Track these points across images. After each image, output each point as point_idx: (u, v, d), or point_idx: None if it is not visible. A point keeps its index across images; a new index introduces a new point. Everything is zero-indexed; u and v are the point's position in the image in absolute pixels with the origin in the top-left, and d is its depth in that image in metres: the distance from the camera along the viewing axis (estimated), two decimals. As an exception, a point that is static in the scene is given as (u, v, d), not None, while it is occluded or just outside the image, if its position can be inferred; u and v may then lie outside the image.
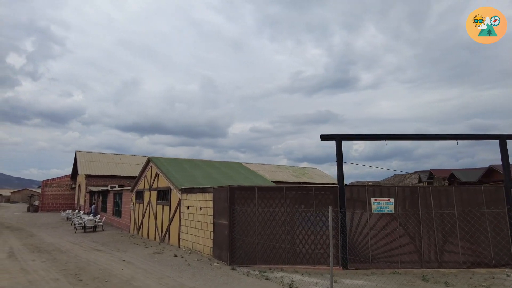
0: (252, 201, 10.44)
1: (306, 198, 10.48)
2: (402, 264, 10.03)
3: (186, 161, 18.64)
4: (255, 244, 10.22)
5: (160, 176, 16.23)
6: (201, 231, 12.05)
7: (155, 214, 16.48)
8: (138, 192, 19.37)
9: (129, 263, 10.67)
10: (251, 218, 10.37)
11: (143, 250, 13.25)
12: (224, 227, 10.56)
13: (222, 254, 10.54)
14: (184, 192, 13.56)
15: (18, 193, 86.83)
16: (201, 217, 12.13)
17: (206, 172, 17.32)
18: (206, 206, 11.84)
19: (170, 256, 11.66)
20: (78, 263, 10.76)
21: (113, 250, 13.34)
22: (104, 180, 38.63)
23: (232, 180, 16.70)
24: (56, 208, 44.55)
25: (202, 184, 14.76)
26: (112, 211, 25.28)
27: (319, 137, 10.84)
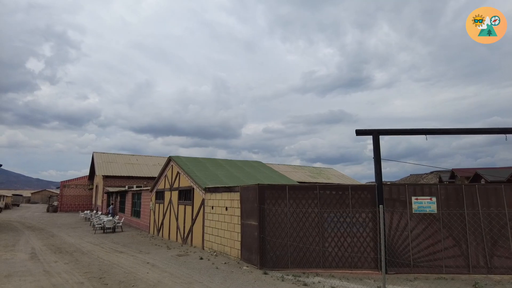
0: (283, 201, 9.80)
1: (341, 198, 9.77)
2: (447, 268, 9.22)
3: (207, 160, 18.14)
4: (286, 246, 9.58)
5: (182, 175, 15.76)
6: (227, 232, 11.48)
7: (176, 214, 16.03)
8: (158, 192, 18.99)
9: (154, 266, 10.17)
10: (282, 219, 9.74)
11: (166, 252, 12.78)
12: (254, 228, 9.95)
13: (252, 257, 9.93)
14: (208, 192, 13.02)
15: (37, 194, 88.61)
16: (227, 217, 11.56)
17: (228, 171, 16.77)
18: (233, 206, 11.26)
19: (196, 259, 11.12)
20: (101, 265, 10.34)
21: (135, 252, 12.92)
22: (121, 181, 38.70)
23: (255, 179, 16.09)
24: (74, 209, 44.95)
25: (226, 183, 14.20)
26: (131, 212, 25.03)
27: (354, 132, 10.12)
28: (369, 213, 9.63)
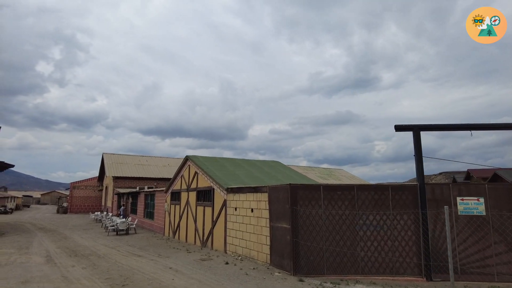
0: (317, 202, 9.07)
1: (380, 199, 9.01)
2: (499, 276, 8.40)
3: (226, 160, 17.48)
4: (322, 251, 8.84)
5: (200, 175, 15.11)
6: (253, 236, 10.78)
7: (194, 216, 15.37)
8: (174, 192, 18.37)
9: (178, 271, 9.50)
10: (316, 222, 9.00)
11: (187, 256, 12.11)
12: (285, 232, 9.23)
13: (284, 262, 9.20)
14: (231, 192, 12.34)
15: (47, 195, 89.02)
16: (253, 219, 10.86)
17: (248, 171, 16.08)
18: (260, 208, 10.55)
19: (221, 264, 10.43)
20: (121, 270, 9.70)
21: (154, 256, 12.28)
22: (131, 182, 38.28)
23: (276, 179, 15.38)
24: (84, 210, 44.70)
25: (247, 183, 13.51)
26: (143, 213, 24.47)
27: (394, 127, 9.35)
28: (411, 215, 8.86)
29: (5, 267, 10.11)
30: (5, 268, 9.95)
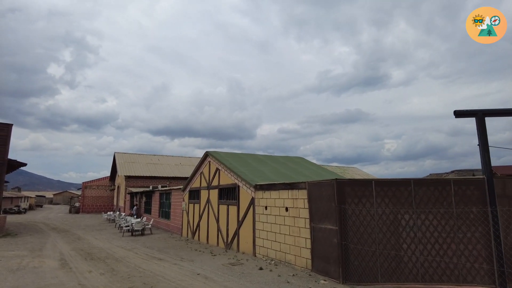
0: (368, 200, 7.89)
1: (441, 195, 7.78)
2: None
3: (248, 156, 16.37)
4: (375, 255, 7.66)
5: (223, 171, 14.02)
6: (289, 238, 9.63)
7: (216, 215, 14.30)
8: (192, 191, 17.33)
9: (207, 278, 8.42)
10: (368, 222, 7.82)
11: (212, 259, 11.04)
12: (331, 234, 8.07)
13: (330, 268, 8.04)
14: (260, 190, 11.21)
15: (59, 195, 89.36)
16: (289, 219, 9.71)
17: (273, 167, 14.94)
18: (297, 206, 9.40)
19: (254, 269, 9.31)
20: (143, 277, 8.66)
21: (176, 259, 11.24)
22: (143, 181, 37.58)
23: (304, 176, 14.21)
24: (95, 210, 44.18)
25: (274, 180, 12.38)
26: (158, 213, 23.54)
27: (453, 113, 8.09)
28: (478, 214, 7.62)
29: (17, 272, 9.16)
30: (16, 274, 9.00)
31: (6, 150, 20.62)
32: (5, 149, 20.49)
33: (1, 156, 20.22)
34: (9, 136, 20.74)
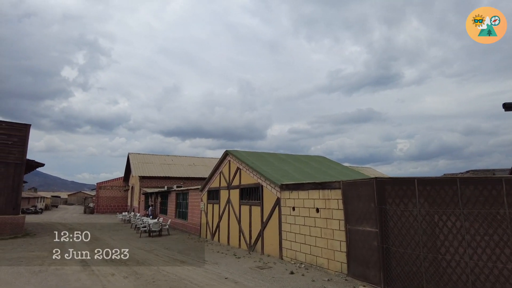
0: (411, 200, 7.31)
1: (491, 195, 7.14)
2: None
3: (269, 155, 15.90)
4: (419, 260, 7.07)
5: (244, 171, 13.57)
6: (320, 240, 9.10)
7: (237, 216, 13.86)
8: (211, 191, 16.94)
9: (237, 283, 7.96)
10: (410, 223, 7.24)
11: (237, 262, 10.59)
12: (370, 236, 7.53)
13: (369, 273, 7.49)
14: (286, 190, 10.71)
15: (73, 195, 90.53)
16: (320, 221, 9.18)
17: (296, 166, 14.42)
18: (329, 207, 8.87)
19: (285, 273, 8.81)
20: (169, 281, 8.26)
21: (199, 262, 10.83)
22: (157, 182, 37.53)
23: (330, 175, 13.67)
24: (110, 210, 44.35)
25: (299, 179, 11.87)
26: (175, 213, 23.25)
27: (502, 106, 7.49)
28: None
29: (39, 275, 8.89)
30: (39, 276, 8.72)
31: (25, 150, 20.64)
32: (23, 150, 20.52)
33: (20, 157, 20.24)
34: (27, 137, 20.77)
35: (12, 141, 20.14)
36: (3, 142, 19.87)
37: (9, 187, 19.64)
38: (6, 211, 19.24)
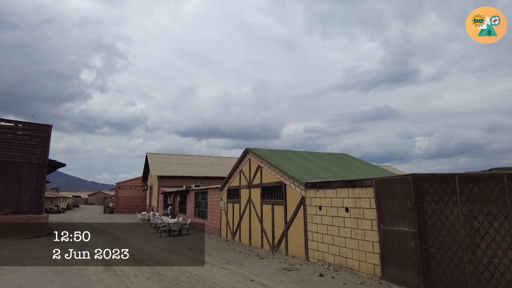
0: (451, 198, 6.76)
1: (543, 191, 6.53)
2: None
3: (289, 152, 15.49)
4: (462, 263, 6.53)
5: (265, 169, 13.21)
6: (351, 241, 8.63)
7: (259, 216, 13.51)
8: (231, 190, 16.66)
9: (264, 285, 7.60)
10: (451, 223, 6.70)
11: (262, 263, 10.23)
12: (407, 237, 7.02)
13: (406, 276, 6.99)
14: (311, 188, 10.28)
15: (93, 195, 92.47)
16: (350, 221, 8.71)
17: (319, 164, 13.95)
18: (360, 206, 8.39)
19: (313, 275, 8.39)
20: (193, 283, 7.98)
21: (222, 262, 10.53)
22: (175, 181, 37.69)
23: (355, 173, 13.14)
24: (129, 210, 44.86)
25: (323, 177, 11.41)
26: (194, 212, 23.14)
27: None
28: None
29: (63, 274, 8.80)
30: (62, 276, 8.62)
31: (47, 150, 20.95)
32: (46, 150, 20.82)
33: (42, 157, 20.56)
34: (49, 137, 21.07)
35: (35, 141, 20.47)
36: (27, 143, 20.22)
37: (33, 187, 19.96)
38: (30, 210, 19.56)
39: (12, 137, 19.95)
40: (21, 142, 20.07)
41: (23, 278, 8.39)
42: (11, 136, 19.94)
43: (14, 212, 18.97)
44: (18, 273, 8.98)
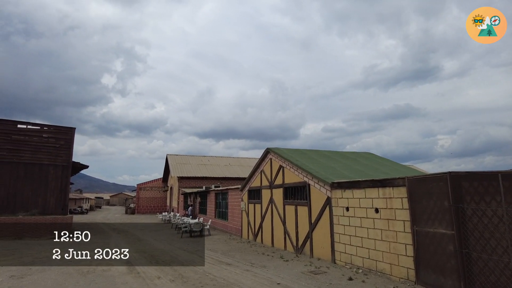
0: (494, 198, 6.26)
1: None
2: None
3: (312, 152, 15.10)
4: (510, 268, 6.02)
5: (288, 169, 12.90)
6: (382, 243, 8.21)
7: (282, 217, 13.20)
8: (252, 190, 16.43)
9: (291, 289, 7.31)
10: (495, 225, 6.19)
11: (287, 266, 9.93)
12: (445, 239, 6.56)
13: (445, 282, 6.53)
14: (338, 188, 9.89)
15: (115, 196, 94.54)
16: (380, 222, 8.29)
17: (343, 164, 13.51)
18: (391, 207, 7.97)
19: (342, 279, 8.02)
20: (217, 286, 7.77)
21: (246, 264, 10.30)
22: (195, 182, 37.89)
23: (382, 172, 12.64)
24: (150, 211, 45.45)
25: (349, 177, 10.99)
26: (215, 213, 23.07)
27: None
28: None
29: (87, 276, 8.78)
30: (87, 278, 8.60)
31: (71, 153, 21.39)
32: (69, 152, 21.26)
33: (66, 159, 20.99)
34: (72, 140, 21.50)
35: (60, 144, 20.93)
36: (52, 145, 20.70)
37: (58, 189, 20.40)
38: (56, 211, 20.00)
39: (38, 140, 20.47)
40: (47, 145, 20.56)
41: (49, 279, 8.42)
42: (37, 139, 20.47)
43: (41, 213, 19.43)
44: (45, 273, 9.05)
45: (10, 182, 19.47)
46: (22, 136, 20.10)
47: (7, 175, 19.41)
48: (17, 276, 8.66)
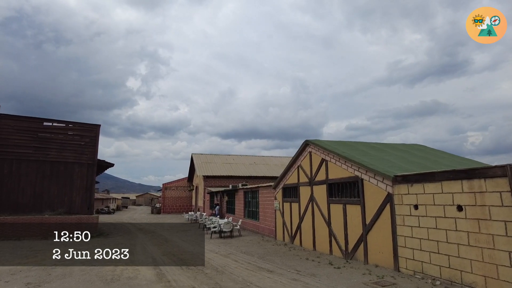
0: None
1: None
2: None
3: (358, 143, 13.45)
4: None
5: (332, 163, 11.35)
6: (469, 249, 6.54)
7: (326, 217, 11.66)
8: (287, 188, 14.96)
9: (359, 307, 5.80)
10: None
11: (340, 274, 8.40)
12: None
13: None
14: (402, 182, 8.26)
15: (141, 197, 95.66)
16: (466, 223, 6.62)
17: (397, 155, 11.79)
18: (483, 203, 6.29)
19: (420, 295, 6.45)
20: (264, 299, 6.39)
21: (290, 272, 8.85)
22: (220, 181, 37.01)
23: (442, 165, 10.87)
24: (176, 210, 44.97)
25: (409, 169, 9.32)
26: (243, 213, 21.77)
27: None
28: None
29: (111, 285, 7.62)
30: (111, 286, 7.45)
31: (96, 150, 20.74)
32: (94, 150, 20.62)
33: (92, 157, 20.36)
34: (97, 137, 20.86)
35: (84, 141, 20.31)
36: (77, 143, 20.11)
37: (83, 187, 19.77)
38: (81, 210, 19.36)
39: (63, 137, 19.93)
40: (72, 143, 20.00)
41: (68, 288, 7.33)
42: (62, 137, 19.93)
43: (66, 212, 18.82)
44: (64, 280, 7.99)
45: (36, 181, 19.00)
46: (48, 133, 19.62)
47: (34, 174, 18.95)
48: (33, 284, 7.63)
